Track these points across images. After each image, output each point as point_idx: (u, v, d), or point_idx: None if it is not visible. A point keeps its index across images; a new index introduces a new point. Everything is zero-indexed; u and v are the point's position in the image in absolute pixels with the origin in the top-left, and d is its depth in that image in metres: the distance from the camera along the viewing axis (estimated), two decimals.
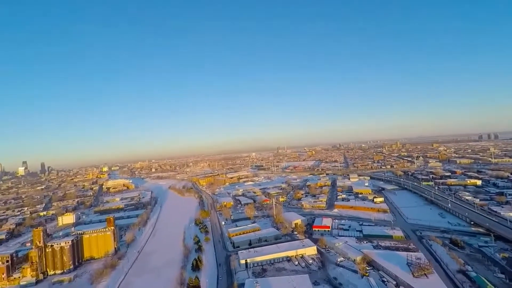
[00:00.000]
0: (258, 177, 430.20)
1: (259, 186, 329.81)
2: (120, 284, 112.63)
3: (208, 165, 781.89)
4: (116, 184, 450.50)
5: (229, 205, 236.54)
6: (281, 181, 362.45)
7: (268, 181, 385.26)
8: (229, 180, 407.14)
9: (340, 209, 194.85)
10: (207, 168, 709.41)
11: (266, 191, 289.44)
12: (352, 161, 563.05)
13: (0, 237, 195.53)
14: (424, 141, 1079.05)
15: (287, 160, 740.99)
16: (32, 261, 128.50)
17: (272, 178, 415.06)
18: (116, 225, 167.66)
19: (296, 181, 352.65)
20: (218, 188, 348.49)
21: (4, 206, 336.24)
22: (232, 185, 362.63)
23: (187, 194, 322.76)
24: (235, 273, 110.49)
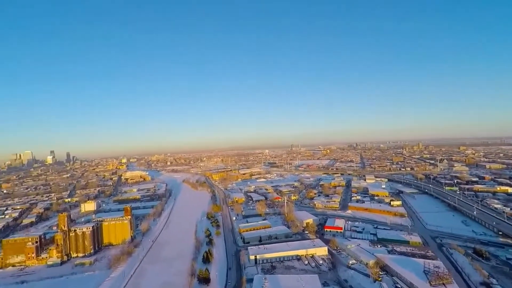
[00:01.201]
0: (271, 174, 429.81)
1: (271, 183, 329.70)
2: (135, 270, 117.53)
3: (221, 160, 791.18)
4: (134, 176, 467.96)
5: (240, 201, 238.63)
6: (293, 179, 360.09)
7: (280, 178, 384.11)
8: (241, 176, 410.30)
9: (354, 211, 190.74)
10: (220, 163, 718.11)
11: (278, 188, 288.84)
12: (369, 161, 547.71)
13: (31, 220, 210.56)
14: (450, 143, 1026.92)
15: (301, 158, 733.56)
16: (58, 243, 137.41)
17: (284, 176, 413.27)
18: (133, 215, 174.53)
19: (309, 180, 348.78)
20: (231, 183, 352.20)
21: (34, 191, 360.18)
22: (244, 181, 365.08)
23: (200, 188, 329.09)
24: (244, 268, 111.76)
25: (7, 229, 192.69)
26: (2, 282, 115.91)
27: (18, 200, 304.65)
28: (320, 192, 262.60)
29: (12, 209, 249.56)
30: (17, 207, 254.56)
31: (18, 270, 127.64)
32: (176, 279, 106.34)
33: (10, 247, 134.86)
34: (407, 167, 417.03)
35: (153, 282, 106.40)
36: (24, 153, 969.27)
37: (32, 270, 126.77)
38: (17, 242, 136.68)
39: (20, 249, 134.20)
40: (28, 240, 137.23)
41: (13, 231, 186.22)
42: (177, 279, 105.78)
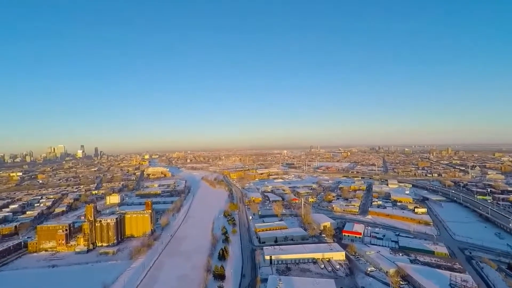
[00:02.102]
0: (288, 175, 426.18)
1: (289, 184, 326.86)
2: (154, 262, 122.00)
3: (239, 159, 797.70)
4: (155, 171, 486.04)
5: (257, 201, 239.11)
6: (312, 181, 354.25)
7: (298, 180, 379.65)
8: (259, 176, 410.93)
9: (374, 216, 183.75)
10: (238, 162, 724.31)
11: (295, 190, 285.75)
12: (392, 165, 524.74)
13: (62, 209, 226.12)
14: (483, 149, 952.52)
15: (320, 160, 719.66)
16: (85, 232, 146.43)
17: (302, 177, 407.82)
18: (153, 209, 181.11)
19: (328, 182, 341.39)
20: (248, 183, 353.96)
21: (65, 183, 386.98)
22: (262, 181, 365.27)
23: (218, 186, 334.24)
24: (259, 267, 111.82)
25: (41, 217, 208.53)
26: (37, 264, 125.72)
27: (52, 190, 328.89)
28: (339, 195, 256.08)
29: (46, 198, 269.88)
30: (50, 197, 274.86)
31: (50, 254, 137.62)
32: (192, 273, 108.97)
33: (44, 233, 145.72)
34: (434, 173, 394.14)
35: (170, 274, 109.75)
36: (57, 147, 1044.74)
37: (62, 255, 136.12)
38: (49, 229, 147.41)
39: (52, 236, 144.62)
40: (59, 228, 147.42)
41: (46, 219, 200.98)
42: (193, 274, 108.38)
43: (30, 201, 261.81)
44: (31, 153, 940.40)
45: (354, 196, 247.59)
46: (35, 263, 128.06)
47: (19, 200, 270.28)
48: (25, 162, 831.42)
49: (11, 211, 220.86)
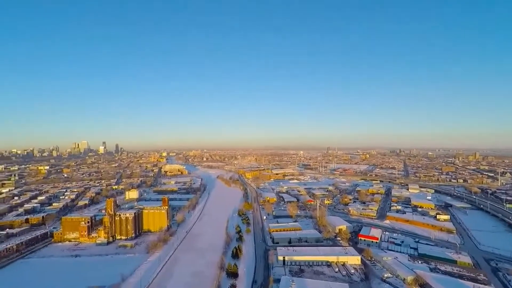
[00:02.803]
0: (304, 176, 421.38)
1: (304, 185, 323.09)
2: (170, 257, 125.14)
3: (255, 159, 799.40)
4: (172, 169, 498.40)
5: (272, 201, 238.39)
6: (328, 183, 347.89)
7: (314, 181, 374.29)
8: (274, 176, 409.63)
9: (392, 221, 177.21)
10: (254, 162, 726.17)
11: (311, 191, 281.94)
12: (414, 170, 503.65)
13: (85, 202, 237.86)
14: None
15: (337, 161, 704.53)
16: (105, 225, 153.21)
17: (318, 178, 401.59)
18: (170, 205, 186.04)
19: (345, 184, 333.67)
20: (263, 183, 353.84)
21: (88, 177, 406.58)
22: (277, 182, 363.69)
23: (233, 185, 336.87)
24: (272, 268, 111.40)
25: (66, 209, 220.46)
26: (61, 254, 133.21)
27: (75, 184, 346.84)
28: (356, 198, 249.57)
29: (70, 191, 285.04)
30: (74, 190, 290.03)
31: (73, 245, 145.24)
32: (206, 270, 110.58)
33: (68, 225, 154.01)
34: (459, 179, 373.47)
35: (185, 270, 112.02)
36: (81, 142, 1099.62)
37: (84, 246, 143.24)
38: (73, 220, 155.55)
39: (75, 227, 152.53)
40: (82, 220, 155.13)
41: (70, 211, 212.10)
42: (207, 270, 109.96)
43: (56, 193, 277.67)
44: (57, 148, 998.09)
45: (371, 199, 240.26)
46: (59, 252, 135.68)
47: (46, 192, 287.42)
48: (52, 156, 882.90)
49: (39, 202, 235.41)
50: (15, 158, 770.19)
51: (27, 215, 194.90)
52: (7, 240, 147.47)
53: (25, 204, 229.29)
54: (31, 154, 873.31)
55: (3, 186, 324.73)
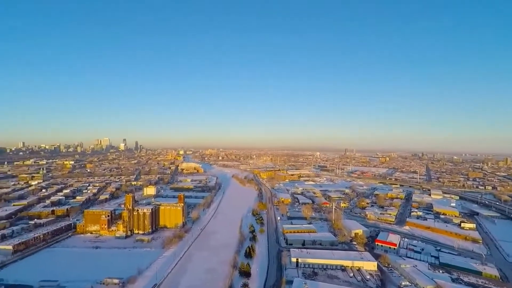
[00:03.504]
0: (320, 178, 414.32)
1: (320, 187, 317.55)
2: (184, 253, 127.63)
3: (270, 159, 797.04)
4: (189, 167, 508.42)
5: (286, 202, 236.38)
6: (344, 185, 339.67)
7: (330, 183, 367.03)
8: (289, 177, 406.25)
9: (412, 228, 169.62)
10: (269, 162, 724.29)
11: (326, 193, 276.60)
12: (437, 174, 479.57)
13: (105, 196, 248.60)
14: None
15: (355, 164, 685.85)
16: (124, 219, 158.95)
17: (335, 181, 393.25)
18: (185, 203, 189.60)
19: (362, 188, 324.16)
20: (278, 183, 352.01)
21: (109, 173, 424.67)
22: (292, 182, 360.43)
23: (248, 185, 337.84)
24: (285, 269, 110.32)
25: (88, 202, 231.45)
26: (83, 245, 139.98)
27: (97, 178, 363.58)
28: (374, 202, 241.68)
29: (92, 186, 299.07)
30: (96, 185, 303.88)
31: (94, 237, 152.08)
32: (219, 268, 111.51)
33: (90, 217, 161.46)
34: (487, 186, 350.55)
35: (199, 267, 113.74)
36: (103, 139, 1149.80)
37: (104, 239, 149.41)
38: (95, 213, 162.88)
39: (96, 220, 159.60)
40: (102, 213, 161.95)
41: (92, 204, 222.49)
42: (220, 268, 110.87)
43: (80, 187, 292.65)
44: (81, 144, 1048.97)
45: (390, 204, 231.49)
46: (82, 243, 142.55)
47: (70, 186, 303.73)
48: (77, 152, 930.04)
49: (64, 195, 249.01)
50: (43, 153, 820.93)
51: (53, 207, 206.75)
52: (35, 230, 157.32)
53: (51, 196, 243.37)
54: (58, 150, 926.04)
55: (33, 178, 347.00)
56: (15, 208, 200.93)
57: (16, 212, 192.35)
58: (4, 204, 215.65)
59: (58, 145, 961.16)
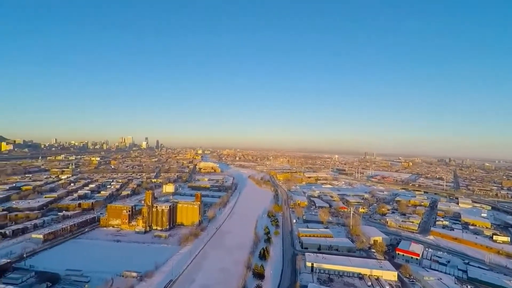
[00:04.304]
0: (338, 182, 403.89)
1: (338, 191, 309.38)
2: (199, 251, 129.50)
3: (287, 161, 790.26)
4: (206, 166, 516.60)
5: (302, 205, 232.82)
6: (364, 190, 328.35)
7: (348, 187, 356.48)
8: (306, 180, 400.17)
9: (437, 238, 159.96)
10: (286, 163, 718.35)
11: (344, 197, 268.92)
12: (466, 182, 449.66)
13: (127, 192, 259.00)
14: None
15: (375, 168, 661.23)
16: (143, 215, 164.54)
17: (354, 185, 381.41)
18: (202, 201, 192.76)
19: (383, 193, 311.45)
20: (294, 185, 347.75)
21: (131, 170, 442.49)
22: (309, 185, 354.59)
23: (264, 186, 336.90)
24: (299, 273, 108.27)
25: (111, 197, 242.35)
26: (105, 238, 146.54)
27: (120, 175, 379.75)
28: (395, 209, 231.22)
29: (116, 181, 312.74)
30: (119, 181, 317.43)
31: (116, 230, 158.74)
32: (233, 268, 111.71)
33: (112, 212, 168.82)
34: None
35: (213, 265, 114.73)
36: (127, 137, 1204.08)
37: (125, 233, 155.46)
38: (117, 208, 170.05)
39: (118, 214, 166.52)
40: (124, 208, 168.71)
41: (115, 199, 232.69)
42: (234, 268, 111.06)
43: (104, 182, 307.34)
44: (107, 142, 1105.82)
45: (413, 211, 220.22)
46: (104, 236, 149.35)
47: (96, 181, 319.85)
48: (102, 149, 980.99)
49: (90, 189, 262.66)
50: (73, 149, 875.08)
51: (80, 200, 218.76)
52: (63, 221, 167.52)
53: (79, 190, 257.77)
54: (86, 146, 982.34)
55: (63, 173, 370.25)
56: (47, 200, 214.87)
57: (47, 203, 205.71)
58: (37, 195, 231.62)
59: (86, 142, 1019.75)
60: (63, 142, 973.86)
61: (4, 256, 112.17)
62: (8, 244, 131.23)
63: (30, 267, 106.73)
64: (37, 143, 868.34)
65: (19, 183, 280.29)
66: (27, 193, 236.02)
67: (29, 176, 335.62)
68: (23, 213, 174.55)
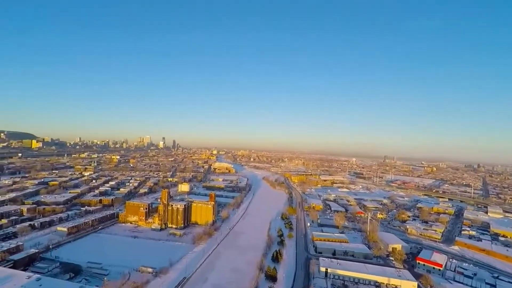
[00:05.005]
0: (355, 186, 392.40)
1: (355, 195, 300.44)
2: (212, 251, 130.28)
3: (302, 163, 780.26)
4: (221, 167, 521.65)
5: (317, 208, 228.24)
6: (382, 195, 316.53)
7: (366, 192, 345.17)
8: (321, 183, 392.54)
9: (462, 248, 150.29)
10: (301, 166, 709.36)
11: (362, 202, 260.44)
12: (497, 190, 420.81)
13: (145, 190, 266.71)
14: None
15: (395, 172, 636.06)
16: (159, 213, 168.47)
17: (372, 189, 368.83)
18: (216, 201, 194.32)
19: (403, 199, 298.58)
20: (309, 188, 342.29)
21: (149, 168, 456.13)
22: (324, 188, 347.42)
23: (278, 188, 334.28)
24: (313, 278, 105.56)
25: (130, 194, 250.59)
26: (124, 233, 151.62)
27: (138, 173, 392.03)
28: (416, 216, 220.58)
29: (134, 179, 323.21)
30: (137, 179, 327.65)
31: (133, 227, 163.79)
32: (246, 268, 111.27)
33: (130, 208, 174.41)
34: None
35: (225, 265, 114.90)
36: (145, 137, 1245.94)
37: (141, 229, 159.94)
38: (134, 205, 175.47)
39: (135, 211, 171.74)
40: (141, 206, 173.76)
41: (133, 197, 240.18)
42: (246, 269, 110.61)
43: (123, 180, 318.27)
44: (126, 141, 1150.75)
45: (436, 219, 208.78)
46: (122, 231, 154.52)
47: (116, 178, 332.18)
48: (122, 148, 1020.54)
49: (110, 186, 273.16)
50: (95, 148, 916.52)
51: (101, 196, 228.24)
52: (85, 215, 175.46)
53: (100, 187, 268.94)
54: (107, 145, 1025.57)
55: (86, 170, 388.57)
56: (71, 195, 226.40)
57: (71, 198, 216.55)
58: (63, 191, 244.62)
59: (107, 141, 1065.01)
60: (86, 141, 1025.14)
61: (33, 247, 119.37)
62: (36, 235, 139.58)
63: (55, 258, 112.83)
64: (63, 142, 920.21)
65: (47, 178, 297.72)
66: (53, 188, 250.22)
67: (55, 172, 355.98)
68: (50, 207, 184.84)
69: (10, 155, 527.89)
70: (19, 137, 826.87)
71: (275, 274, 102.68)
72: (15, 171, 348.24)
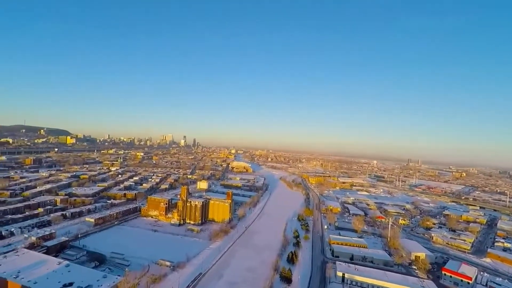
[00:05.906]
0: (376, 189, 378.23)
1: (375, 199, 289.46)
2: (228, 248, 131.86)
3: (320, 164, 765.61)
4: (239, 166, 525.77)
5: (335, 211, 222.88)
6: (405, 200, 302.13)
7: (387, 196, 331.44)
8: (340, 185, 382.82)
9: (495, 261, 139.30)
10: (319, 167, 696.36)
11: (382, 206, 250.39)
12: None
13: (165, 186, 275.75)
14: None
15: (420, 177, 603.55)
16: (179, 209, 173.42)
17: (393, 194, 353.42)
18: (233, 200, 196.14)
19: (428, 205, 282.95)
20: (327, 190, 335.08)
21: (170, 165, 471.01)
22: (343, 191, 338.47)
23: (295, 189, 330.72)
24: (329, 282, 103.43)
25: (151, 190, 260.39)
26: (145, 227, 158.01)
27: (160, 170, 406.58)
28: (443, 223, 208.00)
29: (156, 176, 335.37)
30: (159, 175, 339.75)
31: (154, 221, 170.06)
32: (260, 268, 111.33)
33: (151, 203, 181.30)
34: None
35: (240, 263, 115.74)
36: (167, 135, 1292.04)
37: (161, 224, 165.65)
38: (156, 200, 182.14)
39: (156, 206, 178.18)
40: (162, 201, 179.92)
41: (154, 192, 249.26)
42: (261, 269, 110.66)
43: (146, 176, 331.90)
44: (150, 139, 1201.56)
45: (465, 228, 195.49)
46: (144, 225, 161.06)
47: (139, 174, 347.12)
48: (146, 145, 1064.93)
49: (134, 182, 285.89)
50: (122, 144, 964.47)
51: (125, 190, 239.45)
52: (111, 208, 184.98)
53: (124, 181, 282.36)
54: (133, 142, 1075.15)
55: (113, 165, 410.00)
56: (99, 188, 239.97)
57: (99, 191, 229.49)
58: (91, 184, 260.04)
59: (133, 138, 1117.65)
60: (114, 138, 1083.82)
61: (64, 235, 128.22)
62: (67, 224, 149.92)
63: (83, 246, 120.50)
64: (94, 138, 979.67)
65: (78, 172, 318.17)
66: (83, 181, 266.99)
67: (86, 166, 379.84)
68: (80, 199, 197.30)
69: (48, 149, 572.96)
70: (56, 133, 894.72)
71: (290, 275, 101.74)
72: (51, 165, 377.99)
